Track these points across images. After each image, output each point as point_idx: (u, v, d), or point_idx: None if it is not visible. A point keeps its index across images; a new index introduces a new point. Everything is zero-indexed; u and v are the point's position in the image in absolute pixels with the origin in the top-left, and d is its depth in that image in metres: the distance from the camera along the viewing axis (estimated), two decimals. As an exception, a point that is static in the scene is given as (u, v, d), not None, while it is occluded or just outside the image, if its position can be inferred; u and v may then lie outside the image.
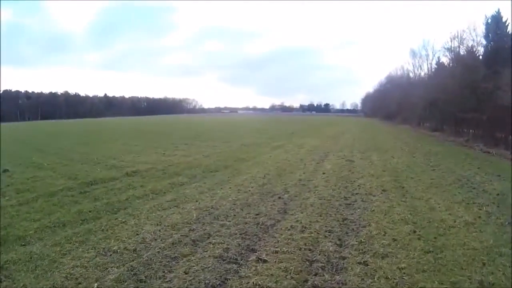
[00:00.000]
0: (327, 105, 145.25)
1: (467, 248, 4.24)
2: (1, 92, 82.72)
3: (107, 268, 3.80)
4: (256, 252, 4.12)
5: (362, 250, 4.17)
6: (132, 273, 3.67)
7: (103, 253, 4.21)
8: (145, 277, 3.58)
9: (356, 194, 7.11)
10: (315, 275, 3.55)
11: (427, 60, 37.61)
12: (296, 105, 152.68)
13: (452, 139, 21.78)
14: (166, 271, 3.69)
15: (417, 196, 6.84)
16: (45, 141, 21.22)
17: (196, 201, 6.58)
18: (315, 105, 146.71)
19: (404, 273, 3.57)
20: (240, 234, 4.73)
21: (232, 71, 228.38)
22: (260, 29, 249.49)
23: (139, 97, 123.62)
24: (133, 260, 3.97)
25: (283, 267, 3.68)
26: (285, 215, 5.63)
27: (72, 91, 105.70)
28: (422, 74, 39.01)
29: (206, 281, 3.40)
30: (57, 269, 3.82)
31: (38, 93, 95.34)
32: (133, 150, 14.84)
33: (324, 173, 9.30)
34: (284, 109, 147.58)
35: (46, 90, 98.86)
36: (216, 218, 5.48)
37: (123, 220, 5.49)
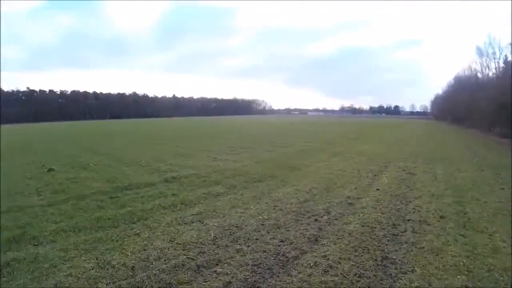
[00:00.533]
0: (396, 107, 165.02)
1: None
2: (69, 92, 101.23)
3: (96, 283, 4.19)
4: (258, 295, 4.03)
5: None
6: None
7: (102, 265, 4.66)
8: None
9: (408, 220, 6.50)
10: None
11: (494, 58, 38.96)
12: (365, 107, 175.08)
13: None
14: None
15: (480, 228, 6.12)
16: (101, 141, 24.76)
17: (223, 216, 6.74)
18: (385, 107, 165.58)
19: None
20: (253, 265, 4.63)
21: (298, 73, 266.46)
22: (324, 29, 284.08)
23: (208, 98, 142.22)
24: (125, 279, 4.28)
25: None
26: (314, 245, 5.32)
27: (140, 92, 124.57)
28: (490, 74, 40.70)
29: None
30: (53, 274, 4.42)
31: (106, 94, 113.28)
32: (184, 153, 16.24)
33: (378, 189, 8.97)
34: (354, 111, 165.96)
35: (114, 91, 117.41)
36: (234, 240, 5.51)
37: (138, 232, 5.98)
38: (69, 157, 15.49)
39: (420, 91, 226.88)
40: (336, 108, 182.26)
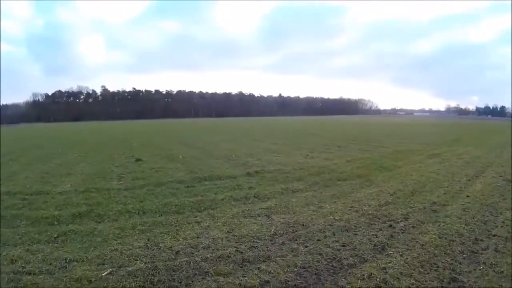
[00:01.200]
0: (503, 108, 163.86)
1: None
2: (175, 92, 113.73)
3: (136, 260, 4.40)
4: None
5: None
6: (149, 273, 4.07)
7: (149, 246, 4.91)
8: (154, 282, 3.89)
9: (493, 236, 5.46)
10: None
11: None
12: (471, 107, 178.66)
13: None
14: (177, 285, 3.87)
15: None
16: (198, 136, 26.81)
17: (293, 213, 6.49)
18: (491, 107, 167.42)
19: None
20: (301, 267, 4.26)
21: (403, 72, 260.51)
22: (426, 27, 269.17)
23: (314, 97, 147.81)
24: (164, 261, 4.40)
25: None
26: (378, 254, 4.65)
27: (246, 91, 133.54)
28: None
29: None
30: (100, 247, 4.87)
31: (212, 93, 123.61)
32: (276, 150, 16.64)
33: (468, 196, 8.04)
34: (460, 111, 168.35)
35: (220, 91, 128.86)
36: (293, 239, 5.20)
37: (199, 220, 6.13)
38: (161, 149, 17.16)
39: None
40: (442, 108, 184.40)
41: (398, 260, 4.47)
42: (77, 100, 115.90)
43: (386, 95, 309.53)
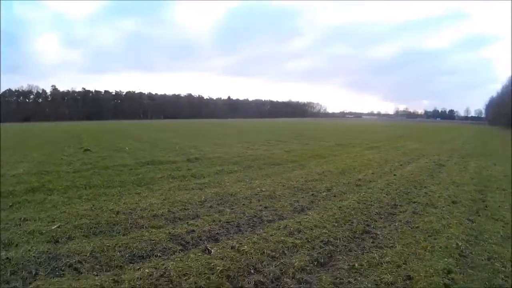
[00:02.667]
0: (451, 111, 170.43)
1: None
2: (124, 93, 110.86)
3: (81, 218, 5.05)
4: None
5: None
6: (93, 226, 4.79)
7: (93, 209, 5.56)
8: (96, 232, 4.59)
9: (414, 203, 6.44)
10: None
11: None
12: (420, 111, 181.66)
13: None
14: (116, 235, 4.58)
15: (497, 216, 5.84)
16: (146, 133, 26.84)
17: (224, 187, 7.37)
18: (439, 111, 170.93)
19: None
20: (225, 222, 5.10)
21: (357, 76, 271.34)
22: (384, 32, 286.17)
23: (263, 100, 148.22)
24: (106, 218, 5.11)
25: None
26: (297, 214, 5.63)
27: (195, 93, 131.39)
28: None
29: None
30: (50, 211, 5.45)
31: (161, 95, 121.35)
32: (221, 143, 17.36)
33: (395, 175, 9.03)
34: (408, 115, 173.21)
35: (169, 93, 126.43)
36: (221, 203, 6.08)
37: (139, 192, 6.84)
38: (109, 143, 17.24)
39: (477, 94, 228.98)
40: (391, 112, 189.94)
41: (314, 217, 5.33)
42: (27, 100, 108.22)
43: (335, 98, 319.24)
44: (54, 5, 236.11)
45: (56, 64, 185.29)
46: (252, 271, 3.59)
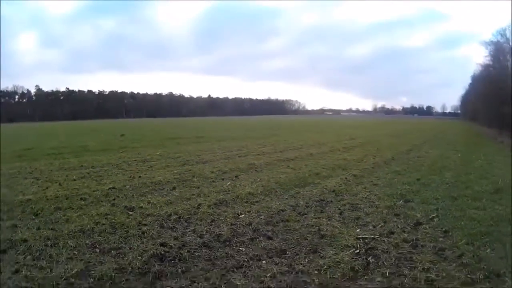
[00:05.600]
0: (429, 107, 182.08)
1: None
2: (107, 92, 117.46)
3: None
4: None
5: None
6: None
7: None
8: None
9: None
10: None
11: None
12: (398, 107, 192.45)
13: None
14: None
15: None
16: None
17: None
18: (417, 107, 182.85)
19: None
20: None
21: (334, 75, 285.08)
22: (361, 31, 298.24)
23: (243, 98, 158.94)
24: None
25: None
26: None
27: (176, 92, 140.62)
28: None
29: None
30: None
31: (143, 94, 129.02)
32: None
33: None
34: (387, 111, 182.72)
35: (151, 92, 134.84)
36: None
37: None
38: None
39: (453, 91, 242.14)
40: (370, 108, 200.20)
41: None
42: (12, 101, 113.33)
43: (315, 96, 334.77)
44: (32, 3, 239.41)
45: (36, 64, 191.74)
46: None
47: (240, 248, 4.72)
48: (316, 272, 3.93)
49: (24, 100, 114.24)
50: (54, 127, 45.58)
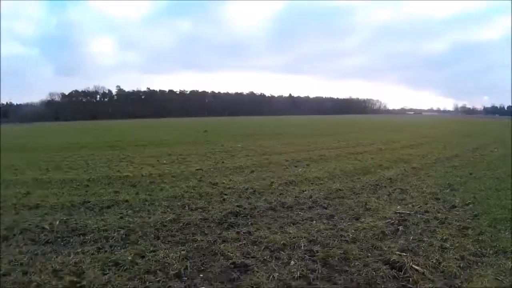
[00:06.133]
0: (510, 107, 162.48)
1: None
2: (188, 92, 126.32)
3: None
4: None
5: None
6: None
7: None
8: None
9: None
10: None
11: None
12: (479, 107, 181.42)
13: None
14: None
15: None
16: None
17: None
18: (498, 107, 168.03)
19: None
20: None
21: (413, 71, 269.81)
22: (436, 25, 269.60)
23: (324, 97, 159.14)
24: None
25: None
26: None
27: (257, 91, 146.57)
28: None
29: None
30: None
31: (224, 93, 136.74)
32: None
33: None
34: (468, 111, 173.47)
35: (232, 91, 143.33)
36: None
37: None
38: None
39: None
40: (451, 108, 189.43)
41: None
42: (94, 100, 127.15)
43: (396, 95, 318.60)
44: (107, 9, 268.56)
45: (116, 65, 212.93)
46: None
47: (299, 212, 6.02)
48: (353, 231, 5.01)
49: (106, 100, 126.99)
50: (135, 124, 50.56)
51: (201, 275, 3.76)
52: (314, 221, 5.49)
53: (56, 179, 9.12)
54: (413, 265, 3.80)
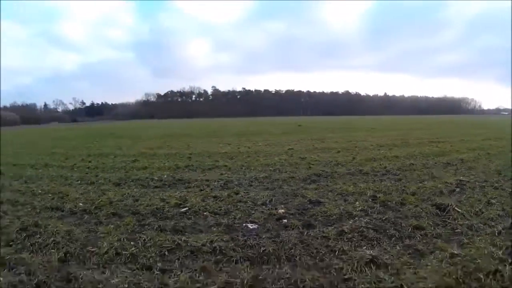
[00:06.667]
0: None
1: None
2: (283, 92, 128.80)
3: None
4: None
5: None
6: None
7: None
8: None
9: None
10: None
11: None
12: None
13: None
14: None
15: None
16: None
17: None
18: None
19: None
20: None
21: (507, 68, 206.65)
22: None
23: (419, 96, 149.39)
24: None
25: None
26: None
27: (352, 91, 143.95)
28: None
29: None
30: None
31: (319, 93, 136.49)
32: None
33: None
34: None
35: (327, 90, 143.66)
36: None
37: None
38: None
39: None
40: None
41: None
42: (189, 100, 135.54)
43: (491, 94, 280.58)
44: (200, 14, 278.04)
45: (211, 67, 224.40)
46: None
47: (372, 177, 6.86)
48: (415, 188, 5.66)
49: (201, 99, 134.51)
50: (231, 122, 52.97)
51: (282, 205, 4.73)
52: (385, 182, 6.33)
53: (160, 154, 11.15)
54: (456, 208, 4.33)
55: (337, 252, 3.20)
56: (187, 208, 4.61)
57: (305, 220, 4.12)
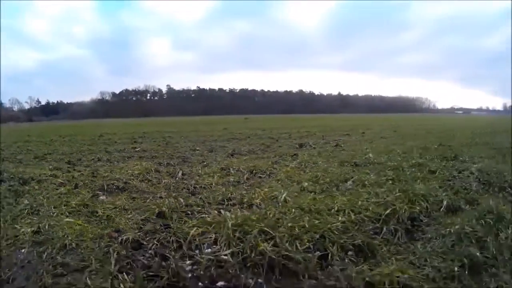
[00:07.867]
0: None
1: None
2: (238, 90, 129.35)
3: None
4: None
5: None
6: None
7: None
8: None
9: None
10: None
11: None
12: None
13: None
14: None
15: None
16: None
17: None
18: None
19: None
20: None
21: (470, 68, 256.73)
22: (495, 17, 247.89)
23: (373, 95, 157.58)
24: None
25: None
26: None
27: (306, 90, 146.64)
28: None
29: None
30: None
31: (273, 92, 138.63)
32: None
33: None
34: None
35: (281, 90, 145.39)
36: None
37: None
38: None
39: None
40: (500, 107, 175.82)
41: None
42: (144, 99, 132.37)
43: (446, 94, 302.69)
44: (163, 12, 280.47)
45: (169, 65, 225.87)
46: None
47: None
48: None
49: (156, 98, 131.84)
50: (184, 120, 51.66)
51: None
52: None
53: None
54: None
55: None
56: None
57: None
